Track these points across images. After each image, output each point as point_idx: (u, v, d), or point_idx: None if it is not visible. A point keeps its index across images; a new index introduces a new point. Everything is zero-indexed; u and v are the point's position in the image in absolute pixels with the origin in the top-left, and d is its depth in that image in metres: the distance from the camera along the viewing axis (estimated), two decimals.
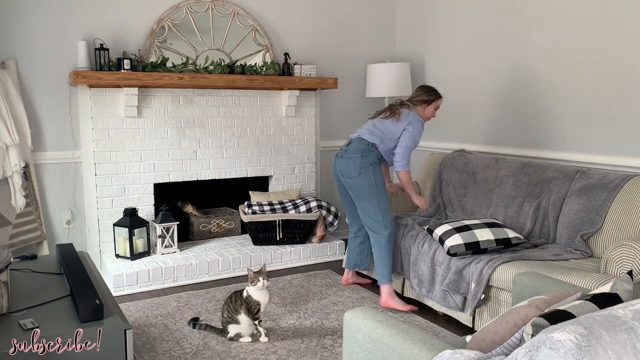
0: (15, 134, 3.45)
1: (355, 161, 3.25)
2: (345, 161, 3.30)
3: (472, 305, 2.80)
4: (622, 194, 2.88)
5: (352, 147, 3.32)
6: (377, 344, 1.58)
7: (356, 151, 3.28)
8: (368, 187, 3.23)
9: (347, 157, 3.29)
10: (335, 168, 3.39)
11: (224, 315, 2.83)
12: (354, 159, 3.26)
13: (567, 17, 3.51)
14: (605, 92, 3.33)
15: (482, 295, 2.78)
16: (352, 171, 3.25)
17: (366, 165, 3.24)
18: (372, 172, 3.24)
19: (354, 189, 3.27)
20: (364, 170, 3.23)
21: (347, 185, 3.31)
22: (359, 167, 3.23)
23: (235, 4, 4.26)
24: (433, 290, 3.09)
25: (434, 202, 3.89)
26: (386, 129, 3.33)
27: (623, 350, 1.09)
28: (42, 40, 3.68)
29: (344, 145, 3.40)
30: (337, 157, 3.38)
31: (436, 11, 4.58)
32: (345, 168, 3.28)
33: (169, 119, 4.05)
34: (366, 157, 3.25)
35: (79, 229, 3.94)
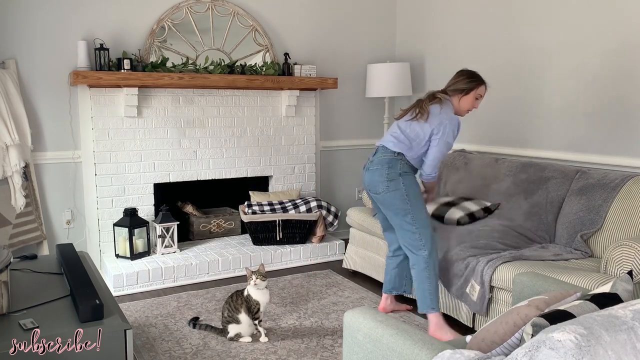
0: (15, 134, 3.45)
1: (381, 173, 2.83)
2: (371, 174, 2.88)
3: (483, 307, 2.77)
4: (622, 193, 2.88)
5: (377, 157, 2.89)
6: (377, 344, 1.58)
7: (381, 162, 2.85)
8: (399, 201, 2.80)
9: (373, 170, 2.87)
10: (364, 181, 2.97)
11: (225, 315, 2.83)
12: (379, 171, 2.84)
13: (567, 17, 3.51)
14: (605, 92, 3.33)
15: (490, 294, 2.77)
16: (379, 185, 2.83)
17: (394, 177, 2.81)
18: (402, 183, 2.81)
19: (384, 204, 2.87)
20: (393, 183, 2.80)
21: (377, 201, 2.91)
22: (385, 181, 2.81)
23: (235, 4, 4.26)
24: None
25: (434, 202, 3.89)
26: (413, 132, 2.86)
27: (623, 350, 1.09)
28: (42, 40, 3.68)
29: (372, 154, 2.98)
30: (365, 170, 2.95)
31: (436, 11, 4.58)
32: (371, 182, 2.87)
33: (169, 119, 4.05)
34: (393, 167, 2.82)
35: (79, 229, 3.94)
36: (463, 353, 1.35)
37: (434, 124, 2.82)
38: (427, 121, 2.83)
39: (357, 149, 5.02)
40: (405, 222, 2.83)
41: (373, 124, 5.05)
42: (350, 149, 4.98)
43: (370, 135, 5.05)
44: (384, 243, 3.60)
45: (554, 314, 1.36)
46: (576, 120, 3.51)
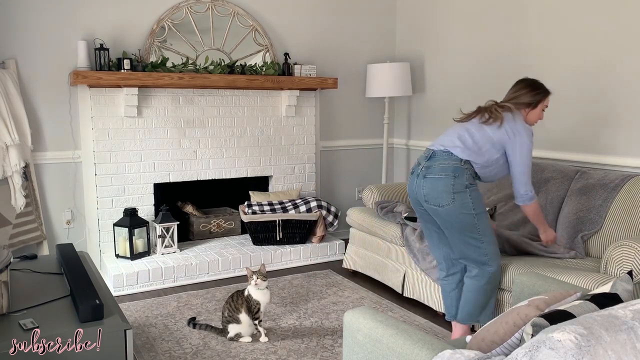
0: (15, 134, 3.45)
1: (447, 183, 2.48)
2: (432, 183, 2.51)
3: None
4: (622, 193, 2.88)
5: (439, 163, 2.52)
6: (377, 344, 1.58)
7: (445, 170, 2.49)
8: (466, 216, 2.49)
9: (433, 178, 2.51)
10: (415, 190, 2.60)
11: (225, 315, 2.83)
12: (444, 181, 2.48)
13: (567, 17, 3.52)
14: (605, 91, 3.33)
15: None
16: (444, 197, 2.48)
17: (460, 188, 2.47)
18: (469, 196, 2.48)
19: (446, 219, 2.53)
20: (459, 195, 2.47)
21: (435, 214, 2.55)
22: (452, 192, 2.47)
23: (235, 4, 4.26)
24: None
25: None
26: (484, 137, 2.54)
27: (623, 350, 1.09)
28: (42, 40, 3.68)
29: (423, 159, 2.60)
30: (417, 176, 2.58)
31: (436, 11, 4.58)
32: (433, 192, 2.50)
33: (169, 119, 4.05)
34: (459, 177, 2.48)
35: (79, 229, 3.94)
36: (463, 353, 1.35)
37: (508, 130, 2.52)
38: (501, 127, 2.53)
39: (357, 149, 5.02)
40: (470, 238, 2.54)
41: (373, 124, 5.05)
42: (350, 149, 4.98)
43: (370, 135, 5.05)
44: (385, 243, 3.59)
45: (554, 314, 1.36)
46: (576, 119, 3.51)
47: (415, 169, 2.63)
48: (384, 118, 4.76)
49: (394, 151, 5.17)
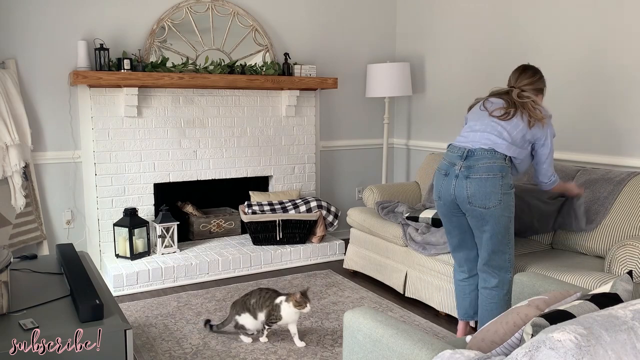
0: (15, 134, 3.45)
1: (495, 184, 2.36)
2: (479, 183, 2.37)
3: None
4: (630, 187, 2.83)
5: (483, 162, 2.39)
6: (377, 344, 1.58)
7: (492, 169, 2.37)
8: (507, 219, 2.42)
9: (480, 178, 2.38)
10: (452, 191, 2.46)
11: (250, 302, 2.74)
12: (492, 181, 2.37)
13: (567, 17, 3.52)
14: (606, 91, 3.32)
15: None
16: (492, 198, 2.36)
17: (508, 189, 2.39)
18: (512, 198, 2.42)
19: (488, 220, 2.42)
20: (506, 196, 2.38)
21: (476, 216, 2.44)
22: (500, 193, 2.36)
23: (235, 4, 4.26)
24: None
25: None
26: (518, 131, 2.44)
27: (623, 350, 1.09)
28: (42, 40, 3.68)
29: (457, 158, 2.46)
30: (456, 177, 2.44)
31: (436, 11, 4.59)
32: (480, 193, 2.37)
33: (169, 119, 4.05)
34: (506, 177, 2.39)
35: (79, 229, 3.94)
36: (463, 353, 1.35)
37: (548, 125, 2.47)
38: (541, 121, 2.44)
39: (357, 149, 5.02)
40: (502, 244, 2.46)
41: (373, 124, 5.05)
42: (350, 149, 4.98)
43: (370, 135, 5.05)
44: (385, 243, 3.59)
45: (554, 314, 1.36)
46: (576, 119, 3.51)
47: (449, 169, 2.47)
48: (384, 118, 4.76)
49: (394, 151, 5.17)
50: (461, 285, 2.74)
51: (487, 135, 2.43)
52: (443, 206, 2.55)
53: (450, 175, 2.46)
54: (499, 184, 2.36)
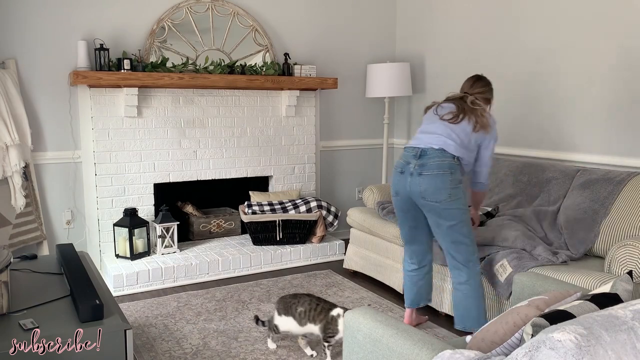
0: (15, 134, 3.45)
1: (444, 180, 2.57)
2: (430, 180, 2.58)
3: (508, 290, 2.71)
4: (630, 186, 2.83)
5: (434, 160, 2.59)
6: (377, 344, 1.58)
7: (442, 167, 2.58)
8: (460, 212, 2.60)
9: (431, 175, 2.58)
10: (407, 187, 2.65)
11: (297, 309, 2.61)
12: (442, 177, 2.57)
13: (566, 17, 3.52)
14: (605, 91, 3.33)
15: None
16: (442, 193, 2.56)
17: (457, 184, 2.59)
18: (462, 192, 2.62)
19: (442, 214, 2.60)
20: (455, 191, 2.58)
21: (430, 210, 2.63)
22: (449, 188, 2.56)
23: (235, 4, 4.26)
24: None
25: None
26: (467, 136, 2.64)
27: (623, 350, 1.09)
28: (42, 40, 3.68)
29: (412, 157, 2.66)
30: (410, 174, 2.63)
31: (436, 11, 4.59)
32: (432, 189, 2.57)
33: (169, 119, 4.05)
34: (455, 173, 2.59)
35: (79, 229, 3.94)
36: (463, 353, 1.35)
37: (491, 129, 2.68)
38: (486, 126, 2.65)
39: (357, 149, 5.02)
40: (462, 235, 2.63)
41: (373, 124, 5.05)
42: (350, 149, 4.98)
43: (370, 135, 5.05)
44: (385, 243, 3.60)
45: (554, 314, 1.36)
46: (576, 119, 3.51)
47: (404, 167, 2.68)
48: (384, 118, 4.76)
49: (394, 151, 5.17)
50: (410, 276, 2.95)
51: (438, 137, 2.65)
52: (400, 201, 2.75)
53: (405, 173, 2.67)
54: (448, 180, 2.57)
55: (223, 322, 3.08)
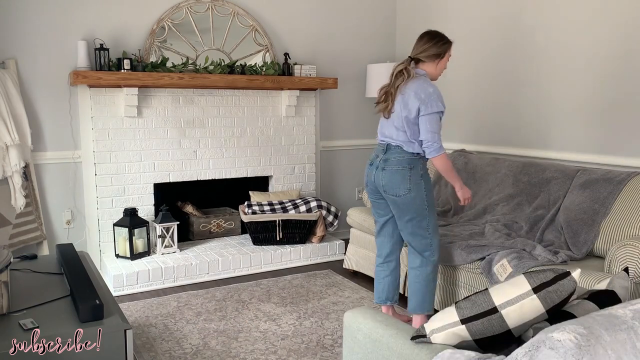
0: (15, 134, 3.45)
1: (404, 175, 2.67)
2: (390, 175, 2.69)
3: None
4: (630, 187, 2.83)
5: (394, 156, 2.70)
6: (377, 344, 1.58)
7: (401, 162, 2.68)
8: (418, 206, 2.70)
9: (391, 170, 2.69)
10: (374, 181, 2.78)
11: None
12: (401, 173, 2.67)
13: (566, 18, 3.52)
14: (605, 91, 3.33)
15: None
16: (400, 188, 2.67)
17: (417, 179, 2.68)
18: (423, 187, 2.69)
19: (401, 207, 2.72)
20: (415, 186, 2.68)
21: (392, 203, 2.75)
22: (408, 183, 2.67)
23: (235, 4, 4.26)
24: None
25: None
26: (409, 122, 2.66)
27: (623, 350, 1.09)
28: (42, 40, 3.68)
29: (380, 152, 2.76)
30: (376, 168, 2.75)
31: (436, 12, 4.59)
32: (391, 184, 2.69)
33: (169, 119, 4.05)
34: (415, 168, 2.68)
35: (79, 229, 3.94)
36: (463, 353, 1.35)
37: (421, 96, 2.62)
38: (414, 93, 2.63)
39: (357, 149, 5.02)
40: (420, 228, 2.73)
41: (373, 124, 5.05)
42: (350, 149, 4.98)
43: (371, 136, 5.05)
44: None
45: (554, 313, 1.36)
46: (576, 119, 3.51)
47: (374, 160, 2.79)
48: None
49: None
50: (377, 270, 3.01)
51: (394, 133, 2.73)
52: (371, 193, 2.87)
53: (373, 166, 2.79)
54: (407, 175, 2.67)
55: (223, 322, 3.08)
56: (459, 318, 1.42)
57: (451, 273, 3.07)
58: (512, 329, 1.37)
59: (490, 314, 1.37)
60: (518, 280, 1.40)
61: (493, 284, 2.80)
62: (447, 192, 3.85)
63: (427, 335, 1.46)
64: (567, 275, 1.36)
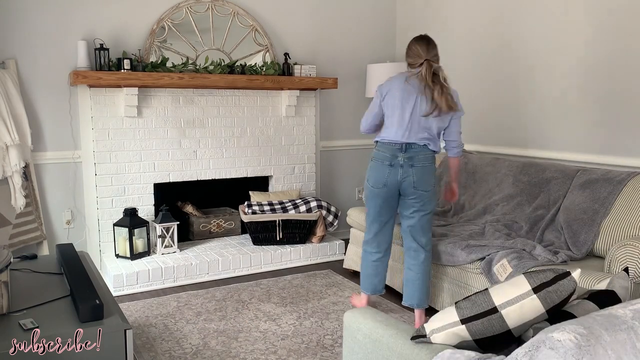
0: (15, 134, 3.45)
1: (431, 171, 2.86)
2: (422, 171, 2.83)
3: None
4: (629, 187, 2.84)
5: (421, 154, 2.83)
6: (377, 344, 1.58)
7: (429, 159, 2.86)
8: (435, 200, 2.95)
9: (422, 166, 2.84)
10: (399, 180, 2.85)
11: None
12: (428, 169, 2.85)
13: (565, 17, 3.52)
14: (605, 91, 3.33)
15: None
16: (430, 183, 2.86)
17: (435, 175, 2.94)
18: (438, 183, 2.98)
19: (425, 202, 2.88)
20: (436, 181, 2.93)
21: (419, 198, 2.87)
22: (434, 178, 2.88)
23: (235, 4, 4.26)
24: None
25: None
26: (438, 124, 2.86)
27: (623, 350, 1.09)
28: (42, 40, 3.68)
29: (398, 152, 2.84)
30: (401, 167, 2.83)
31: (436, 12, 4.59)
32: (422, 179, 2.83)
33: (169, 119, 4.05)
34: (435, 164, 2.93)
35: (79, 229, 3.94)
36: (463, 353, 1.35)
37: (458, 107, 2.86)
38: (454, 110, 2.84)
39: (357, 149, 5.02)
40: (429, 221, 2.95)
41: None
42: (350, 149, 4.98)
43: (370, 136, 5.05)
44: None
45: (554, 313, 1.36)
46: (576, 120, 3.51)
47: (392, 161, 2.86)
48: None
49: None
50: (375, 265, 3.13)
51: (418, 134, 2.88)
52: (387, 194, 2.92)
53: (395, 166, 2.86)
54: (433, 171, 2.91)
55: (223, 322, 3.09)
56: (459, 318, 1.42)
57: (451, 273, 3.08)
58: (512, 329, 1.37)
59: (490, 314, 1.37)
60: (518, 280, 1.40)
61: (493, 284, 2.80)
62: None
63: (427, 335, 1.46)
64: (567, 275, 1.36)
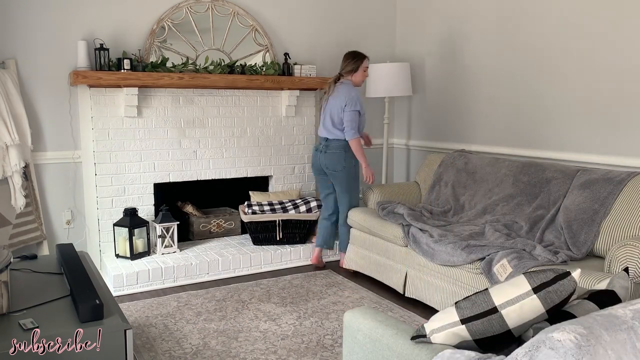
0: (15, 134, 3.45)
1: (340, 156, 3.89)
2: (331, 156, 3.91)
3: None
4: (630, 187, 2.84)
5: (334, 144, 3.89)
6: (377, 344, 1.58)
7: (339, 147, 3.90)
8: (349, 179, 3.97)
9: (332, 153, 3.90)
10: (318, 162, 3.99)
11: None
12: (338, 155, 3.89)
13: (566, 17, 3.52)
14: (605, 91, 3.33)
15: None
16: (338, 166, 3.92)
17: (349, 159, 3.91)
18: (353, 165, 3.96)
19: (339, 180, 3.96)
20: (347, 163, 3.92)
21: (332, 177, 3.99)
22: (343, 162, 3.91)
23: (235, 4, 4.26)
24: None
25: (434, 202, 3.90)
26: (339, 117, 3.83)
27: (623, 350, 1.09)
28: (42, 40, 3.68)
29: (322, 141, 3.97)
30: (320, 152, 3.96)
31: (436, 12, 4.58)
32: (331, 163, 3.92)
33: (169, 119, 4.05)
34: (348, 151, 3.88)
35: (79, 229, 3.94)
36: (463, 353, 1.35)
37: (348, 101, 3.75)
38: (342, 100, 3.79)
39: None
40: (346, 192, 3.93)
41: (373, 124, 5.05)
42: None
43: (371, 135, 5.05)
44: (385, 243, 3.60)
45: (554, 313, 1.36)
46: (576, 120, 3.51)
47: (318, 147, 3.97)
48: (384, 118, 4.76)
49: (394, 151, 5.17)
50: (323, 222, 4.09)
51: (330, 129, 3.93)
52: (316, 171, 4.05)
53: (318, 151, 3.97)
54: (343, 157, 3.86)
55: (223, 322, 3.09)
56: (459, 318, 1.42)
57: (451, 273, 3.08)
58: (512, 329, 1.37)
59: (490, 314, 1.37)
60: (518, 280, 1.40)
61: (493, 284, 2.80)
62: (447, 192, 3.86)
63: (427, 335, 1.46)
64: (567, 275, 1.36)
